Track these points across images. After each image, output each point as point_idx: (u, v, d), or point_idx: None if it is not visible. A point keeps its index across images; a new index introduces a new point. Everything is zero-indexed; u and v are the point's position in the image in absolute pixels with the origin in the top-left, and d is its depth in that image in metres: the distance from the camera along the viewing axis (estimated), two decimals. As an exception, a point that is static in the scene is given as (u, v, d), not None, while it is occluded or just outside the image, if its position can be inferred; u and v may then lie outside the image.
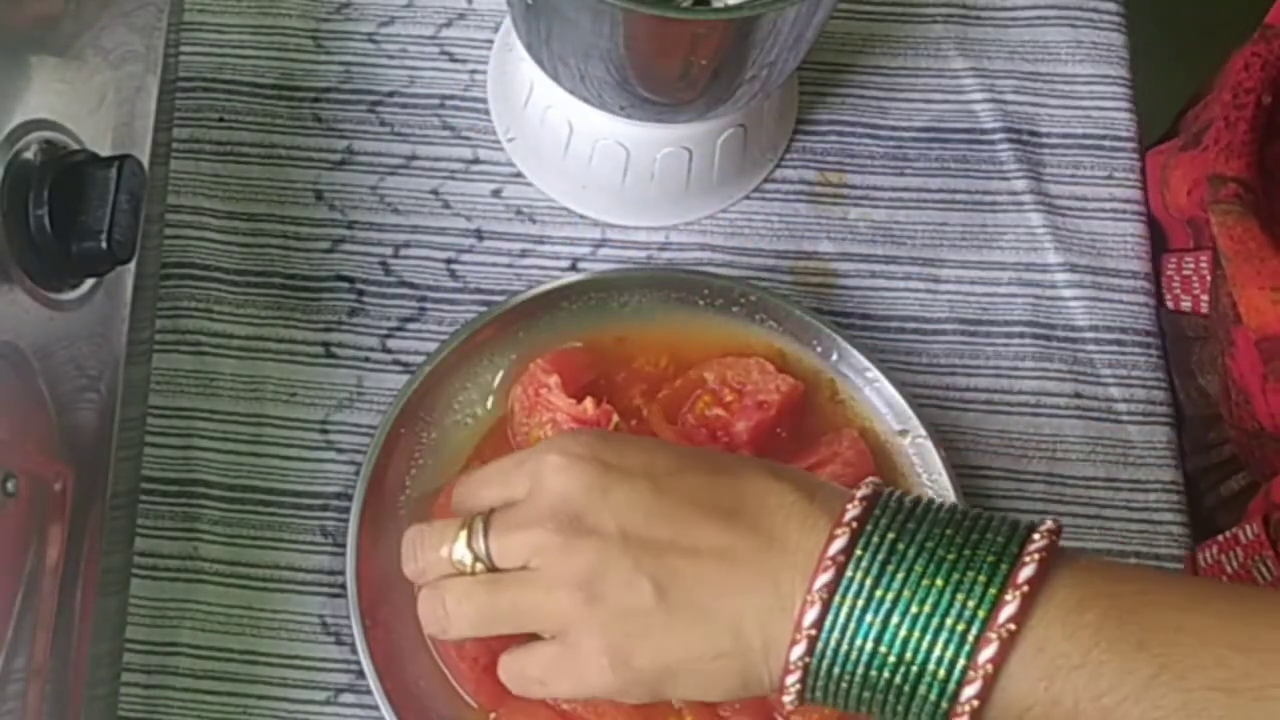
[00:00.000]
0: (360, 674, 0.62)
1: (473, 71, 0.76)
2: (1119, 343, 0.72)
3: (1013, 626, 0.45)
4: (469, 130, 0.74)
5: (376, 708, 0.60)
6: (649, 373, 0.67)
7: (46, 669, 0.53)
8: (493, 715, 0.61)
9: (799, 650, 0.47)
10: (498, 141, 0.74)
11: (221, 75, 0.75)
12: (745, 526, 0.49)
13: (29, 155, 0.52)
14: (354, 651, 0.63)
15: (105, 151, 0.57)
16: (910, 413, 0.66)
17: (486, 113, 0.75)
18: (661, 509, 0.50)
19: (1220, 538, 0.63)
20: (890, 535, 0.47)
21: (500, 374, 0.67)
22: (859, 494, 0.48)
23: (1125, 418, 0.71)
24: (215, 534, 0.67)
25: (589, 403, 0.63)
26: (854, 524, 0.47)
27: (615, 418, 0.63)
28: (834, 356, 0.67)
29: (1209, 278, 0.69)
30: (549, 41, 0.63)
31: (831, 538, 0.47)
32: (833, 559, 0.47)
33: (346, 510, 0.64)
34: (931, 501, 0.49)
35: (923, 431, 0.65)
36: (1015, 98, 0.76)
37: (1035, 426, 0.70)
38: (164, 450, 0.68)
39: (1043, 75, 0.77)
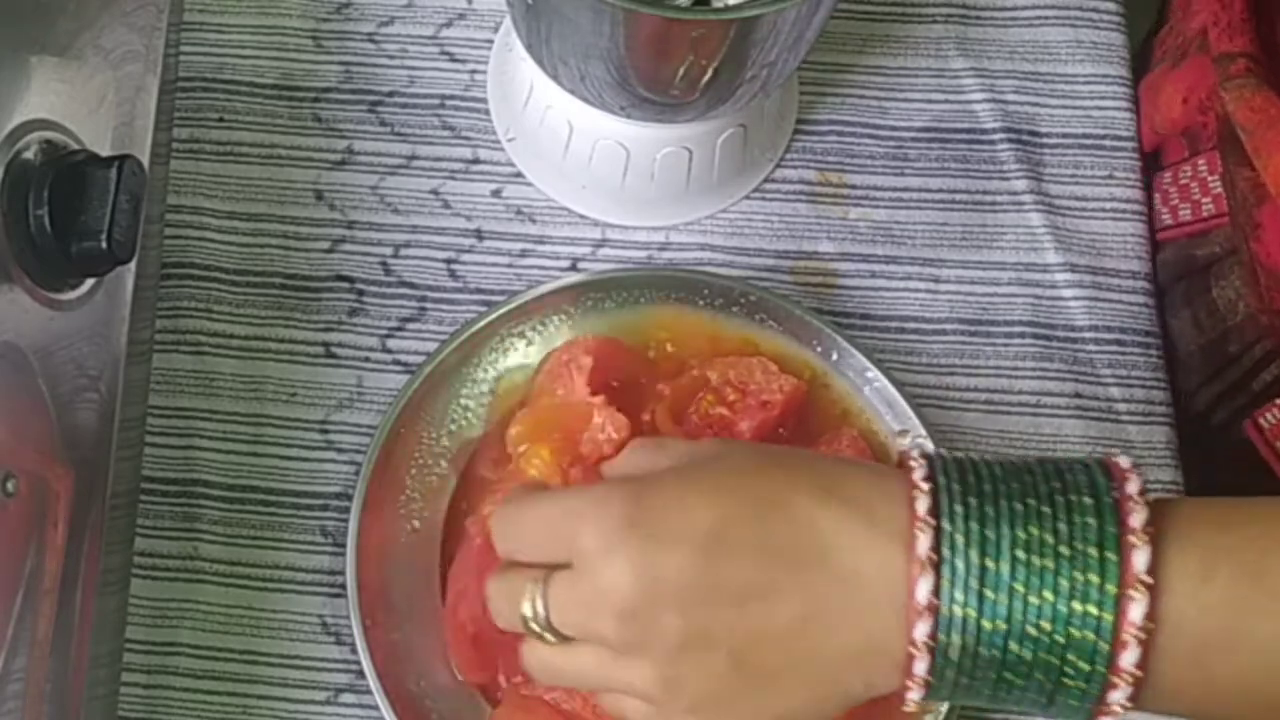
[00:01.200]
0: (360, 674, 0.62)
1: (473, 71, 0.76)
2: (1119, 343, 0.72)
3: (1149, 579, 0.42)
4: (469, 130, 0.74)
5: (376, 708, 0.60)
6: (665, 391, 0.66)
7: (46, 669, 0.53)
8: (490, 715, 0.61)
9: (914, 696, 0.45)
10: (498, 141, 0.74)
11: (221, 75, 0.75)
12: (812, 570, 0.45)
13: (29, 155, 0.52)
14: (354, 651, 0.63)
15: (105, 151, 0.57)
16: (910, 413, 0.66)
17: (486, 113, 0.75)
18: (718, 580, 0.46)
19: (1277, 401, 0.63)
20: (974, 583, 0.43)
21: (501, 374, 0.67)
22: (920, 506, 0.44)
23: (1125, 418, 0.70)
24: (215, 534, 0.67)
25: (599, 400, 0.62)
26: (930, 559, 0.43)
27: (613, 429, 0.62)
28: (834, 356, 0.67)
29: (1209, 179, 0.69)
30: (549, 41, 0.63)
31: (914, 579, 0.43)
32: (926, 607, 0.43)
33: (346, 510, 0.64)
34: (980, 468, 0.46)
35: (923, 431, 0.65)
36: (1015, 98, 0.76)
37: (1035, 426, 0.70)
38: (164, 450, 0.68)
39: (1043, 75, 0.77)
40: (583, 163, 0.70)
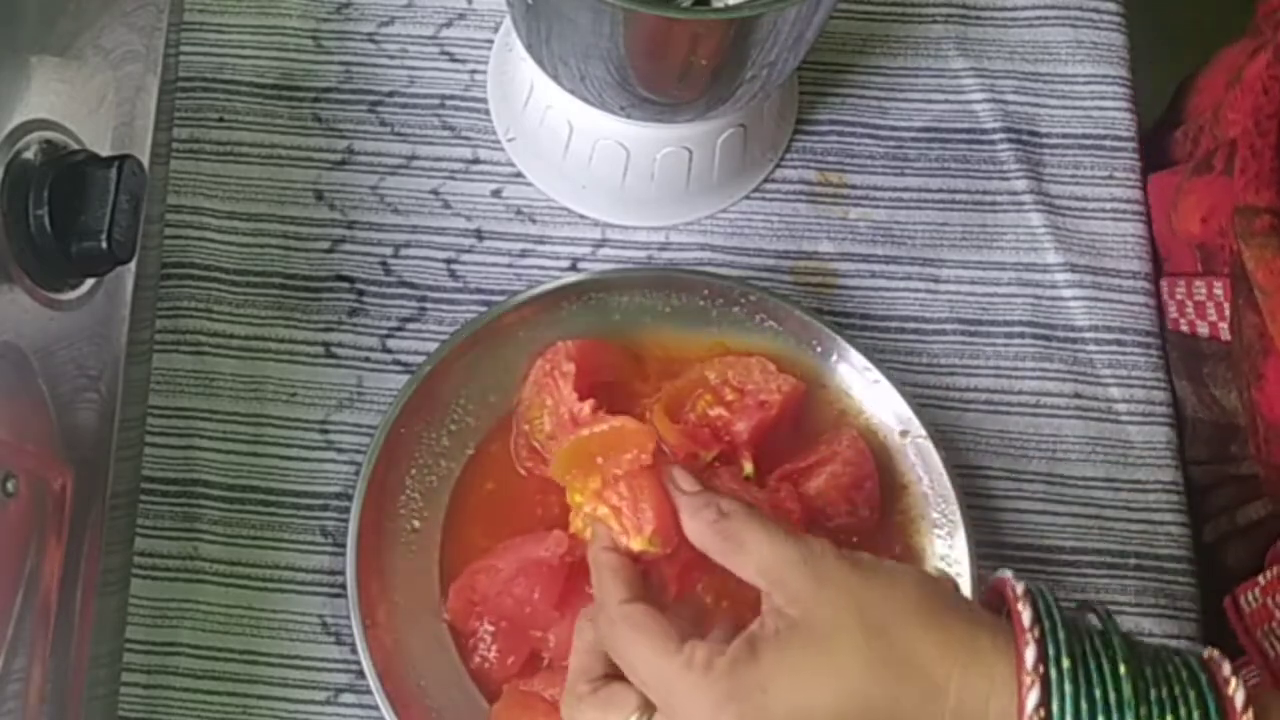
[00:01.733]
0: (360, 674, 0.62)
1: (473, 71, 0.76)
2: (1119, 343, 0.72)
3: None
4: (469, 130, 0.74)
5: (376, 708, 0.60)
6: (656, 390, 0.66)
7: (46, 669, 0.53)
8: (491, 709, 0.61)
9: None
10: (498, 141, 0.74)
11: (221, 75, 0.75)
12: None
13: (29, 155, 0.53)
14: (354, 651, 0.63)
15: (105, 151, 0.57)
16: (910, 413, 0.66)
17: (486, 113, 0.75)
18: None
19: (1261, 580, 0.61)
20: None
21: (500, 374, 0.67)
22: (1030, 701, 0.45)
23: (1125, 418, 0.71)
24: (215, 534, 0.67)
25: (588, 406, 0.63)
26: None
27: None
28: (834, 357, 0.67)
29: (1226, 306, 0.68)
30: (549, 41, 0.63)
31: None
32: None
33: (346, 510, 0.64)
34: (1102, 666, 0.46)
35: (923, 431, 0.65)
36: (1015, 98, 0.76)
37: (1035, 426, 0.70)
38: (164, 450, 0.68)
39: (1043, 75, 0.77)
40: (583, 163, 0.70)
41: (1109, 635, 0.47)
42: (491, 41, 0.76)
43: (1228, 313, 0.68)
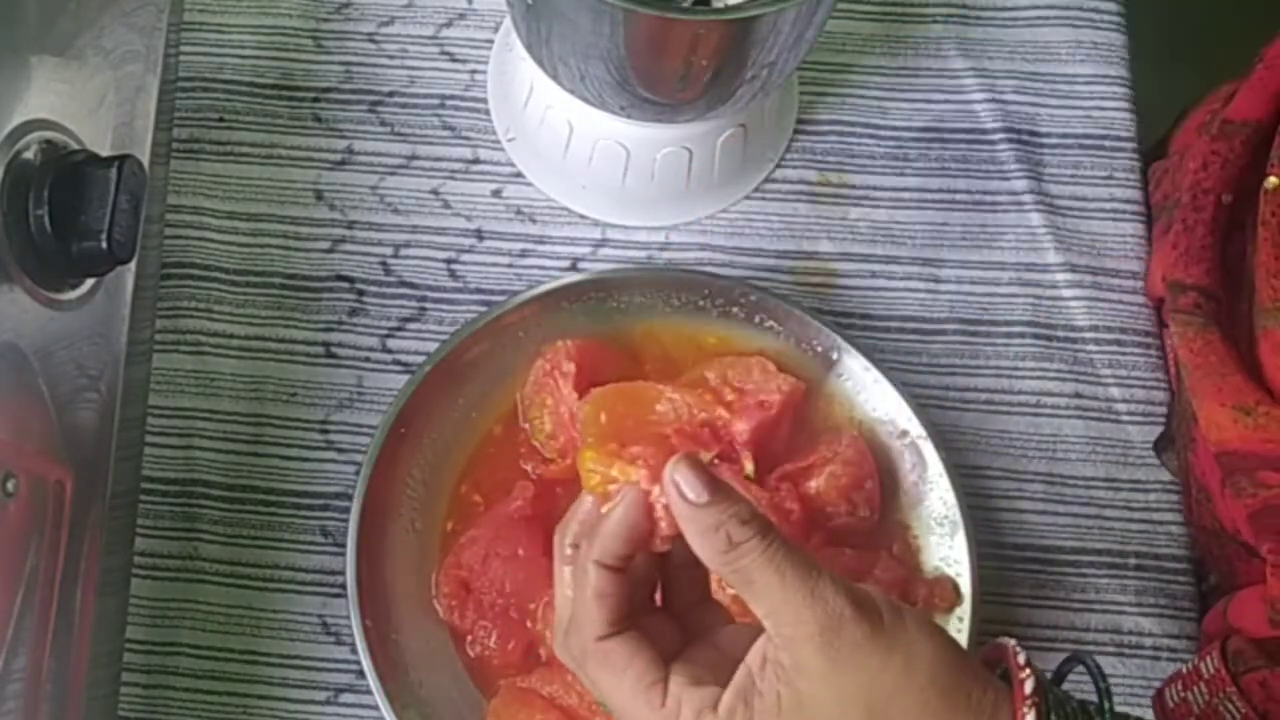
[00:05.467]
0: (360, 674, 0.62)
1: (473, 71, 0.76)
2: (1119, 343, 0.72)
3: None
4: (469, 130, 0.74)
5: (376, 708, 0.60)
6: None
7: (46, 669, 0.53)
8: (489, 704, 0.61)
9: None
10: (498, 141, 0.74)
11: (221, 75, 0.75)
12: None
13: (29, 155, 0.53)
14: (354, 651, 0.63)
15: (105, 151, 0.57)
16: (910, 413, 0.66)
17: (486, 113, 0.75)
18: None
19: (1183, 670, 0.60)
20: None
21: (500, 374, 0.67)
22: None
23: (1125, 418, 0.71)
24: (215, 534, 0.67)
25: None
26: None
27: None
28: (834, 356, 0.67)
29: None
30: (549, 41, 0.63)
31: None
32: None
33: (346, 510, 0.64)
34: None
35: (923, 431, 0.65)
36: (1015, 98, 0.76)
37: (1035, 426, 0.70)
38: (164, 450, 0.68)
39: (1043, 75, 0.77)
40: (583, 163, 0.70)
41: None
42: (491, 41, 0.76)
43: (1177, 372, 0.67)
